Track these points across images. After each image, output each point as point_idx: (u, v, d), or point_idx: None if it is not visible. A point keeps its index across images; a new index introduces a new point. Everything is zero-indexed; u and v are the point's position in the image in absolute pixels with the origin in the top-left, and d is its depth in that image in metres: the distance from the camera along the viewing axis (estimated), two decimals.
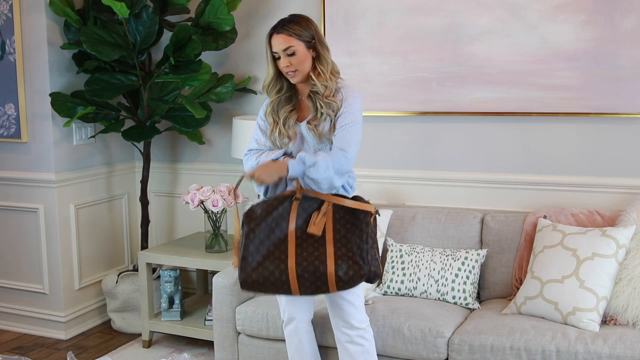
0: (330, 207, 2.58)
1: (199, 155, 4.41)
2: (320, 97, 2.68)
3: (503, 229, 3.37)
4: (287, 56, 2.65)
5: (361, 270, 2.53)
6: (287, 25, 2.66)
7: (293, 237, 2.58)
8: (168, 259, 3.86)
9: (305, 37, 2.66)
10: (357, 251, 2.54)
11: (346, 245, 2.55)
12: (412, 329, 2.94)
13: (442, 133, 3.73)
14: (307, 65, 2.68)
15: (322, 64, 2.70)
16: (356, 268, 2.53)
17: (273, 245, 2.59)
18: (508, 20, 3.49)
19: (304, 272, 2.54)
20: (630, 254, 2.98)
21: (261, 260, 2.59)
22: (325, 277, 2.52)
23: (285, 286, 2.57)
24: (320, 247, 2.55)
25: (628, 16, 3.28)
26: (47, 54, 3.92)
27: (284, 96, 2.76)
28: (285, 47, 2.64)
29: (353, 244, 2.55)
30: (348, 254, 2.54)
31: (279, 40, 2.65)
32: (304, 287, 2.56)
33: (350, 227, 2.58)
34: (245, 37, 4.14)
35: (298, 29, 2.65)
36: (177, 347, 3.93)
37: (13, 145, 4.10)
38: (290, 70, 2.67)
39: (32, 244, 4.13)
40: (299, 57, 2.65)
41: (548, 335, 2.79)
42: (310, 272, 2.53)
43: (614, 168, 3.41)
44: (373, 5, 3.76)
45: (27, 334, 4.19)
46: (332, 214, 2.58)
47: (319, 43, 2.70)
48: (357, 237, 2.56)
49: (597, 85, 3.37)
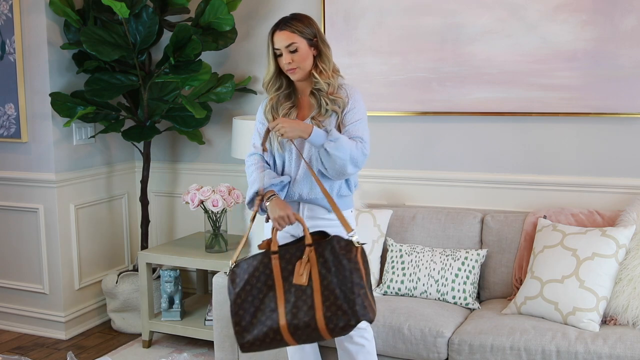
0: (313, 254, 2.49)
1: (199, 155, 4.41)
2: (324, 94, 2.69)
3: (503, 229, 3.37)
4: (290, 53, 2.66)
5: (350, 321, 2.43)
6: (289, 22, 2.68)
7: (282, 291, 2.50)
8: (168, 259, 3.86)
9: (308, 34, 2.68)
10: (343, 301, 2.43)
11: (333, 292, 2.45)
12: (412, 329, 2.94)
13: (442, 133, 3.73)
14: (308, 63, 2.69)
15: (323, 62, 2.72)
16: (345, 319, 2.43)
17: (260, 301, 2.51)
18: (508, 20, 3.49)
19: (296, 328, 2.47)
20: (630, 254, 2.98)
21: (252, 320, 2.51)
22: (317, 330, 2.46)
23: (282, 342, 2.51)
24: (308, 299, 2.47)
25: (628, 16, 3.28)
26: (47, 54, 3.92)
27: (283, 93, 2.77)
28: (288, 43, 2.65)
29: (339, 293, 2.45)
30: (336, 302, 2.44)
31: (282, 37, 2.66)
32: (301, 340, 2.50)
33: (336, 272, 2.47)
34: (245, 37, 4.14)
35: (301, 27, 2.67)
36: (177, 347, 3.93)
37: (13, 145, 4.10)
38: (291, 67, 2.67)
39: (32, 244, 4.13)
40: (301, 54, 2.67)
41: (548, 335, 2.79)
42: (302, 327, 2.46)
43: (614, 168, 3.41)
44: (373, 5, 3.76)
45: (27, 334, 4.19)
46: (316, 259, 2.49)
47: (321, 41, 2.72)
48: (343, 284, 2.45)
49: (597, 85, 3.37)
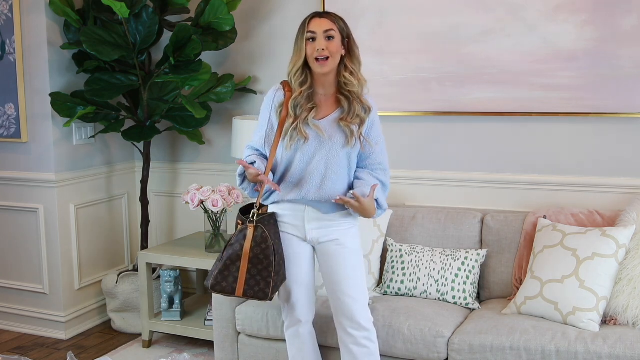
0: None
1: (199, 155, 4.41)
2: (356, 97, 2.69)
3: (503, 229, 3.37)
4: (326, 39, 2.63)
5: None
6: (331, 14, 2.70)
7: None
8: (168, 259, 3.86)
9: (344, 31, 2.68)
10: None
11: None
12: (412, 329, 2.94)
13: (442, 133, 3.73)
14: (337, 58, 2.67)
15: (354, 63, 2.71)
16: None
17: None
18: (508, 20, 3.49)
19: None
20: (630, 254, 2.98)
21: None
22: None
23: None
24: None
25: (628, 16, 3.28)
26: (47, 54, 3.92)
27: (307, 93, 2.70)
28: (328, 28, 2.63)
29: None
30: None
31: (323, 22, 2.64)
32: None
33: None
34: (245, 37, 4.13)
35: (341, 21, 2.69)
36: (177, 347, 3.93)
37: (13, 145, 4.10)
38: (324, 55, 2.63)
39: (32, 244, 4.13)
40: (336, 45, 2.64)
41: (548, 335, 2.79)
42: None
43: (614, 168, 3.41)
44: (373, 5, 3.76)
45: (27, 334, 4.19)
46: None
47: (352, 43, 2.71)
48: None
49: (597, 85, 3.37)
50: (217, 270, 2.68)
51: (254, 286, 2.66)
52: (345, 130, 2.68)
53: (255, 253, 2.66)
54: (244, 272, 2.66)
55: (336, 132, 2.68)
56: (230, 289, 2.68)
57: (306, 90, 2.68)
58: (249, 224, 2.68)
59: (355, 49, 2.71)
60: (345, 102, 2.69)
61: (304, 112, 2.67)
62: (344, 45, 2.68)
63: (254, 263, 2.66)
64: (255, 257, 2.66)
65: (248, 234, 2.67)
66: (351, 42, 2.70)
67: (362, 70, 2.73)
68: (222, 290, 2.69)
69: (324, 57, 2.62)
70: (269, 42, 4.09)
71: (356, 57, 2.71)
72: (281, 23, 4.00)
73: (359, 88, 2.69)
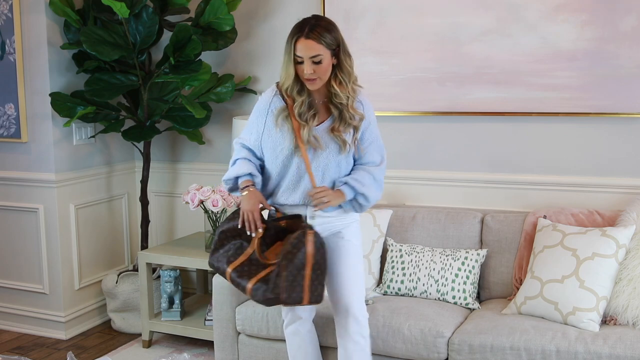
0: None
1: (199, 155, 4.41)
2: (345, 108, 2.65)
3: (503, 229, 3.37)
4: (313, 64, 2.57)
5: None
6: (316, 30, 2.56)
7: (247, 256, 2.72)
8: (168, 259, 3.86)
9: (332, 45, 2.59)
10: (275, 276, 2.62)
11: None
12: (412, 329, 2.94)
13: (442, 133, 3.73)
14: (328, 74, 2.63)
15: (343, 72, 2.64)
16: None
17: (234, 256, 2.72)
18: (508, 20, 3.49)
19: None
20: (630, 254, 2.98)
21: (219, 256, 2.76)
22: None
23: None
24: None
25: (628, 16, 3.28)
26: (47, 54, 3.92)
27: (307, 100, 2.67)
28: (314, 54, 2.55)
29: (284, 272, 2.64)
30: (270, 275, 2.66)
31: (308, 46, 2.55)
32: None
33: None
34: (245, 37, 4.14)
35: (328, 37, 2.57)
36: (177, 347, 3.93)
37: (13, 145, 4.10)
38: (312, 77, 2.60)
39: (32, 244, 4.13)
40: (324, 66, 2.59)
41: (548, 335, 2.79)
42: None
43: (614, 168, 3.41)
44: (373, 5, 3.76)
45: (27, 334, 4.19)
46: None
47: (342, 51, 2.64)
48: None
49: (597, 85, 3.37)
50: (287, 283, 2.55)
51: (314, 291, 2.59)
52: (337, 140, 2.68)
53: (316, 259, 2.60)
54: (308, 280, 2.57)
55: (330, 141, 2.69)
56: (298, 298, 2.58)
57: (306, 99, 2.67)
58: (309, 230, 2.61)
59: (346, 58, 2.65)
60: (335, 111, 2.69)
61: (310, 119, 2.67)
62: (334, 56, 2.62)
63: (314, 269, 2.59)
64: (316, 262, 2.59)
65: (309, 240, 2.58)
66: (341, 51, 2.63)
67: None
68: (294, 302, 2.59)
69: (313, 78, 2.61)
70: (268, 42, 4.09)
71: (345, 66, 2.64)
72: (281, 23, 4.00)
73: (350, 101, 2.66)
